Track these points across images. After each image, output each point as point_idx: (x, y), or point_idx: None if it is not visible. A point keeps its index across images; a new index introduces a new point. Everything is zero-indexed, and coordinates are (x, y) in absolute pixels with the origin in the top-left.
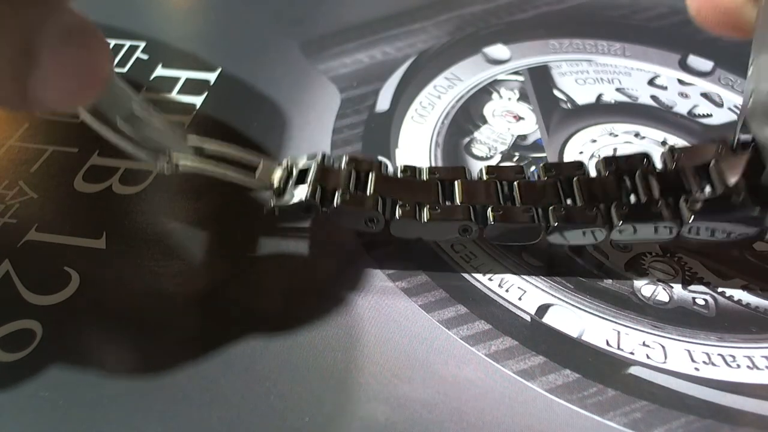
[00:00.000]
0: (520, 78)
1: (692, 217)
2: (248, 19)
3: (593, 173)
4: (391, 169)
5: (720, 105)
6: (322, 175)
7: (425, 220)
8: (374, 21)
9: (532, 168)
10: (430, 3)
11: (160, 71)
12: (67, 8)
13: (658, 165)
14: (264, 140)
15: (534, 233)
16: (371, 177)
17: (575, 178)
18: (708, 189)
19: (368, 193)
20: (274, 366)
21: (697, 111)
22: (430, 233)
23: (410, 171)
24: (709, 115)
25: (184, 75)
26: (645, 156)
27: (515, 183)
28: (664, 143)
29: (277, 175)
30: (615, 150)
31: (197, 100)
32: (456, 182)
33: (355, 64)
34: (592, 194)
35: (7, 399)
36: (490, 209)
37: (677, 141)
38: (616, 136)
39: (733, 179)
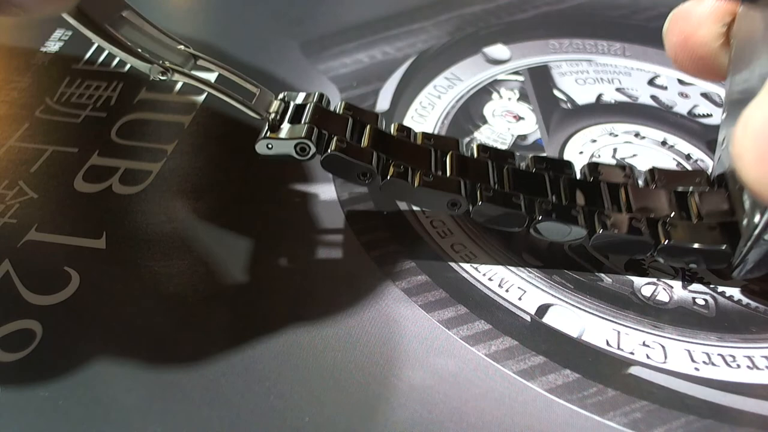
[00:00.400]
0: (520, 78)
1: (666, 240)
2: (248, 19)
3: (579, 175)
4: (385, 125)
5: (720, 105)
6: (319, 117)
7: (416, 185)
8: (374, 21)
9: (522, 159)
10: (430, 3)
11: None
12: None
13: (640, 182)
14: None
15: (519, 221)
16: (367, 129)
17: (562, 177)
18: (683, 216)
19: (363, 146)
20: (274, 366)
21: (697, 111)
22: (419, 200)
23: (405, 132)
24: (709, 115)
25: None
26: (629, 169)
27: (506, 168)
28: (663, 143)
29: (274, 107)
30: (615, 150)
31: (197, 100)
32: (449, 154)
33: (355, 64)
34: (576, 196)
35: (7, 399)
36: (480, 189)
37: (677, 141)
38: (616, 136)
39: (706, 212)
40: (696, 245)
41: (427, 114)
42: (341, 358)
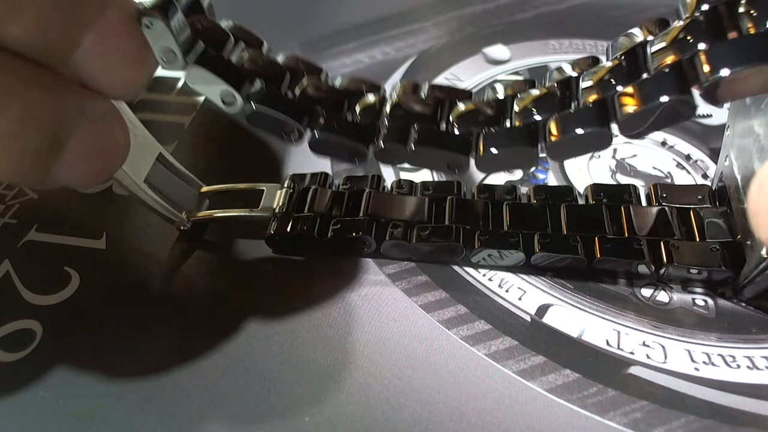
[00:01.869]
0: (520, 78)
1: (670, 260)
2: (248, 19)
3: (581, 200)
4: (388, 183)
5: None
6: (319, 201)
7: (414, 241)
8: (374, 21)
9: (524, 189)
10: (430, 3)
11: (160, 71)
12: (96, 95)
13: (642, 199)
14: (264, 141)
15: (517, 259)
16: (364, 197)
17: (563, 205)
18: (686, 233)
19: (360, 216)
20: (274, 366)
21: (697, 111)
22: (420, 254)
23: (405, 186)
24: (709, 116)
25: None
26: (632, 189)
27: (504, 204)
28: (663, 143)
29: (278, 199)
30: (615, 150)
31: (197, 101)
32: (447, 200)
33: (355, 64)
34: (577, 223)
35: (7, 399)
36: (477, 233)
37: (677, 141)
38: (617, 136)
39: (709, 232)
40: (697, 265)
41: None
42: (341, 358)
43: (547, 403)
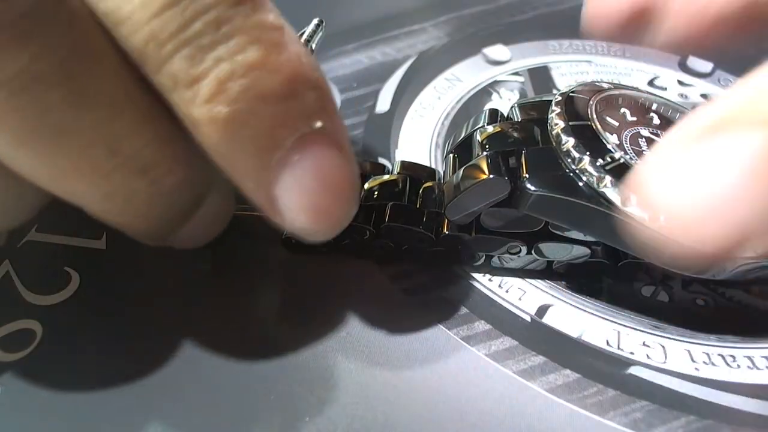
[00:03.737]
0: (520, 79)
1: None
2: None
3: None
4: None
5: None
6: None
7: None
8: (374, 22)
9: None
10: (430, 4)
11: None
12: None
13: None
14: None
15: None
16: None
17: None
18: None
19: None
20: (274, 366)
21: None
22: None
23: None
24: None
25: None
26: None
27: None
28: None
29: None
30: None
31: None
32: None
33: (355, 65)
34: None
35: (7, 399)
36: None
37: None
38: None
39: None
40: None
41: (427, 115)
42: (341, 358)
43: (548, 402)
